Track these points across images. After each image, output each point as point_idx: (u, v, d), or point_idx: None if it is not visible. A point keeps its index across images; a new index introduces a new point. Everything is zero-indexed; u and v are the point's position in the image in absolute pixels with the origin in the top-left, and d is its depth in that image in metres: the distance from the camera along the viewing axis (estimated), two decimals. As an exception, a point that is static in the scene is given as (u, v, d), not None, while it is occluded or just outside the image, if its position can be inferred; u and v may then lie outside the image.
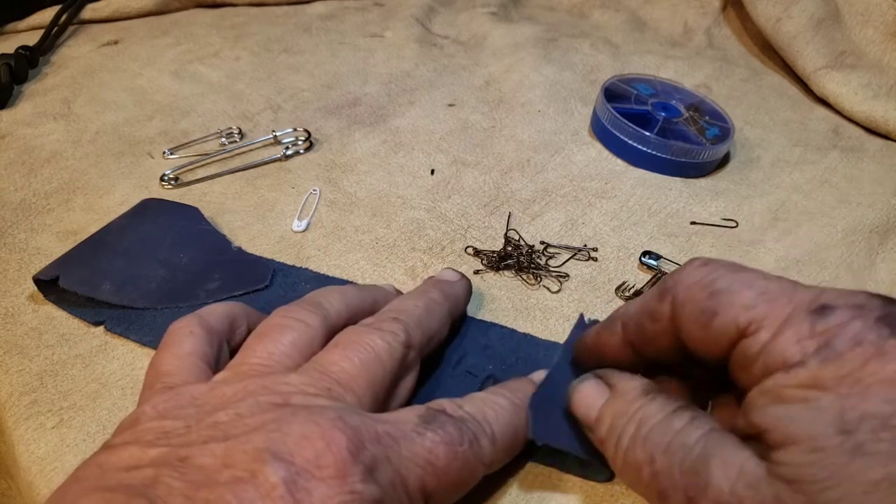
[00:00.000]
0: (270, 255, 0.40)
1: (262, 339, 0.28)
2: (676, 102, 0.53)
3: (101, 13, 0.64)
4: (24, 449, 0.30)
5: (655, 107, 0.52)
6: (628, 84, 0.54)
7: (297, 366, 0.27)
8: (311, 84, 0.57)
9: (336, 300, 0.30)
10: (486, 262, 0.40)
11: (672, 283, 0.24)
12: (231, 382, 0.25)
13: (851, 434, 0.19)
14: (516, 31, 0.65)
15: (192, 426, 0.23)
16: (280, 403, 0.24)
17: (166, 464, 0.21)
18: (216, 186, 0.45)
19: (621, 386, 0.26)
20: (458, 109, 0.54)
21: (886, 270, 0.42)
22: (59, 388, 0.32)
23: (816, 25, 0.60)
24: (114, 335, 0.35)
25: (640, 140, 0.48)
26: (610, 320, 0.28)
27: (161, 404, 0.24)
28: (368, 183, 0.46)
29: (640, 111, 0.51)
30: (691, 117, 0.51)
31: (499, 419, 0.26)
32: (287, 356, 0.27)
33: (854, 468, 0.18)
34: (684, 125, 0.50)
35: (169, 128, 0.51)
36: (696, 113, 0.52)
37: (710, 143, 0.48)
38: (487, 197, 0.46)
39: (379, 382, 0.26)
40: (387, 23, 0.67)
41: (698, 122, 0.51)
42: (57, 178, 0.45)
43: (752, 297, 0.22)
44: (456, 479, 0.24)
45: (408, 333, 0.28)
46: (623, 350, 0.27)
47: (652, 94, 0.53)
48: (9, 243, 0.40)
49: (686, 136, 0.49)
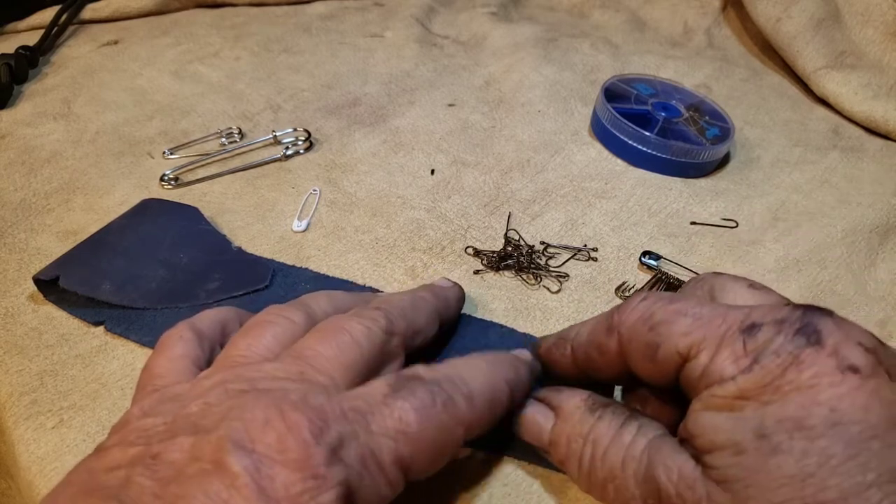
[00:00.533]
0: (270, 255, 0.40)
1: (245, 334, 0.28)
2: (676, 102, 0.53)
3: (101, 13, 0.64)
4: (24, 449, 0.30)
5: (655, 107, 0.52)
6: (628, 84, 0.54)
7: (277, 357, 0.27)
8: (311, 84, 0.57)
9: (323, 300, 0.30)
10: (486, 262, 0.40)
11: (617, 320, 0.26)
12: (210, 376, 0.25)
13: (769, 437, 0.20)
14: (516, 31, 0.65)
15: (169, 422, 0.23)
16: (246, 390, 0.24)
17: (140, 462, 0.21)
18: (216, 186, 0.45)
19: (566, 406, 0.27)
20: (458, 109, 0.54)
21: (886, 270, 0.42)
22: (59, 388, 0.32)
23: (816, 25, 0.60)
24: (114, 335, 0.35)
25: (640, 140, 0.48)
26: (561, 340, 0.29)
27: (147, 405, 0.24)
28: (368, 183, 0.46)
29: (640, 111, 0.51)
30: (691, 117, 0.51)
31: (476, 378, 0.26)
32: (267, 349, 0.27)
33: (771, 465, 0.20)
34: (684, 125, 0.50)
35: (169, 128, 0.51)
36: (696, 113, 0.52)
37: (710, 143, 0.48)
38: (487, 197, 0.46)
39: (356, 366, 0.26)
40: (387, 23, 0.67)
41: (698, 123, 0.51)
42: (57, 178, 0.45)
43: (688, 324, 0.24)
44: (432, 445, 0.24)
45: (389, 321, 0.28)
46: (572, 369, 0.29)
47: (652, 95, 0.53)
48: (9, 243, 0.40)
49: (686, 136, 0.49)
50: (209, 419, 0.22)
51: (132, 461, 0.21)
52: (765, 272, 0.41)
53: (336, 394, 0.24)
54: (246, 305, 0.37)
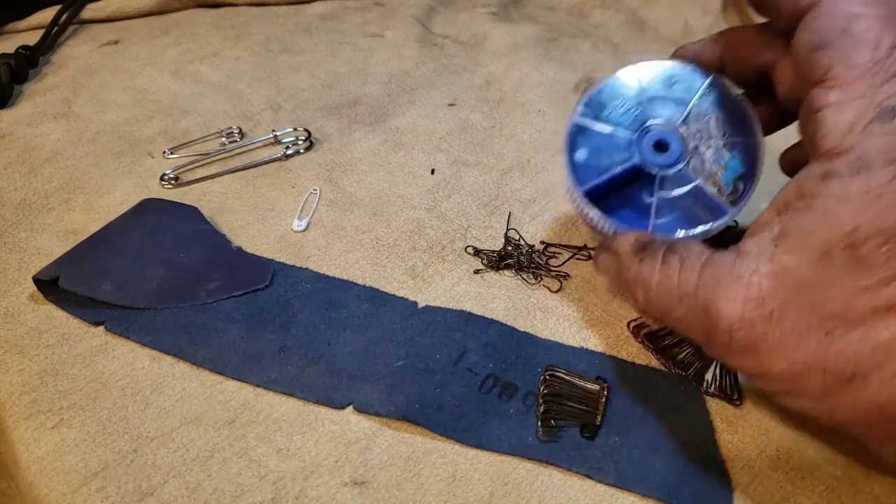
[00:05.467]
0: (270, 255, 0.40)
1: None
2: (674, 123, 0.33)
3: (101, 13, 0.64)
4: (24, 449, 0.30)
5: (644, 147, 0.33)
6: (600, 112, 0.34)
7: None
8: (312, 84, 0.57)
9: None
10: (486, 262, 0.40)
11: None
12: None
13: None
14: (516, 31, 0.65)
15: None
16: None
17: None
18: (216, 186, 0.45)
19: (618, 250, 0.29)
20: (458, 109, 0.54)
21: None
22: (59, 388, 0.32)
23: (817, 25, 0.60)
24: (114, 335, 0.35)
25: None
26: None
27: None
28: (368, 182, 0.46)
29: (623, 172, 0.33)
30: (697, 150, 0.32)
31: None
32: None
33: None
34: (691, 175, 0.32)
35: (169, 127, 0.51)
36: (708, 127, 0.32)
37: (730, 200, 0.31)
38: (487, 197, 0.46)
39: None
40: (387, 22, 0.67)
41: (708, 157, 0.32)
42: (57, 178, 0.45)
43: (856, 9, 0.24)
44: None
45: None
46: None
47: (635, 118, 0.34)
48: (9, 243, 0.40)
49: (694, 198, 0.32)
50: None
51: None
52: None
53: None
54: (246, 305, 0.37)
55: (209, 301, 0.36)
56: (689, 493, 0.29)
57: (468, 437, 0.31)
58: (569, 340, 0.36)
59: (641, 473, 0.30)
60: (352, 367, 0.34)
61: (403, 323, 0.36)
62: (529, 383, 0.33)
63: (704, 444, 0.31)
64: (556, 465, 0.30)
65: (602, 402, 0.33)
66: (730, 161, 0.32)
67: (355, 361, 0.34)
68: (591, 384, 0.33)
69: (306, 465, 0.30)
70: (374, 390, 0.33)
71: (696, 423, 0.32)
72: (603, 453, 0.31)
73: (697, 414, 0.32)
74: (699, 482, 0.30)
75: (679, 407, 0.33)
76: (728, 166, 0.32)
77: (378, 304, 0.37)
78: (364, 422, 0.32)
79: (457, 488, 0.29)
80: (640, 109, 0.34)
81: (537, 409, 0.32)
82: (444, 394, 0.33)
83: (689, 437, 0.31)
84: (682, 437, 0.31)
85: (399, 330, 0.36)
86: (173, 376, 0.33)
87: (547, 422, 0.32)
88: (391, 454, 0.31)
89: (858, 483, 0.30)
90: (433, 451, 0.31)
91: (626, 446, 0.31)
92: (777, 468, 0.30)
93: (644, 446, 0.31)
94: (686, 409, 0.33)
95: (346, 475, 0.30)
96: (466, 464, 0.30)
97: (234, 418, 0.32)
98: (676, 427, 0.32)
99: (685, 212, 0.32)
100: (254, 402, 0.33)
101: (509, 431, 0.31)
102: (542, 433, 0.31)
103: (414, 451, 0.31)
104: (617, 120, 0.34)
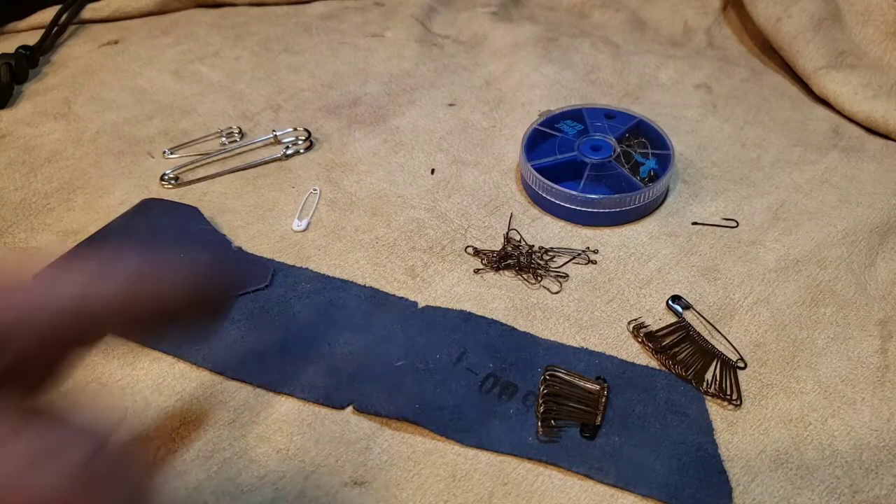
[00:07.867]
0: (270, 255, 0.40)
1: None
2: (606, 137, 0.47)
3: (101, 13, 0.64)
4: (24, 448, 0.30)
5: (583, 148, 0.46)
6: (552, 126, 0.49)
7: None
8: (312, 84, 0.57)
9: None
10: (487, 262, 0.40)
11: None
12: None
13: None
14: (516, 31, 0.65)
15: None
16: None
17: None
18: (216, 186, 0.45)
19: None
20: (458, 109, 0.54)
21: (886, 270, 0.42)
22: (59, 388, 0.32)
23: (817, 25, 0.60)
24: (114, 335, 0.34)
25: (567, 198, 0.43)
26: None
27: None
28: (368, 182, 0.46)
29: (567, 160, 0.45)
30: (624, 152, 0.46)
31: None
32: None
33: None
34: (617, 165, 0.45)
35: (169, 127, 0.51)
36: (632, 142, 0.47)
37: (646, 183, 0.44)
38: (487, 196, 0.46)
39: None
40: (387, 22, 0.67)
41: (631, 158, 0.46)
42: (57, 178, 0.45)
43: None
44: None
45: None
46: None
47: (580, 133, 0.48)
48: (9, 243, 0.40)
49: (619, 179, 0.44)
50: None
51: None
52: (765, 272, 0.41)
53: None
54: (246, 305, 0.37)
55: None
56: (689, 493, 0.29)
57: (468, 437, 0.31)
58: (569, 340, 0.36)
59: (641, 473, 0.30)
60: (352, 367, 0.34)
61: (403, 323, 0.36)
62: (529, 383, 0.33)
63: (704, 444, 0.31)
64: (556, 465, 0.30)
65: (602, 402, 0.33)
66: (647, 161, 0.46)
67: (355, 361, 0.34)
68: (591, 384, 0.33)
69: (306, 465, 0.30)
70: (374, 390, 0.33)
71: (696, 423, 0.32)
72: (603, 453, 0.31)
73: (697, 414, 0.32)
74: (699, 482, 0.30)
75: (679, 407, 0.33)
76: (646, 164, 0.46)
77: (378, 304, 0.37)
78: (364, 422, 0.32)
79: (457, 488, 0.29)
80: (584, 127, 0.49)
81: (537, 409, 0.32)
82: (444, 394, 0.33)
83: (689, 437, 0.31)
84: (682, 437, 0.31)
85: (399, 330, 0.36)
86: (173, 376, 0.33)
87: (547, 422, 0.32)
88: (391, 454, 0.31)
89: (858, 483, 0.30)
90: (433, 451, 0.31)
91: (626, 446, 0.31)
92: (777, 468, 0.30)
93: (644, 446, 0.31)
94: (686, 409, 0.33)
95: (346, 475, 0.30)
96: (466, 464, 0.30)
97: (234, 418, 0.32)
98: (676, 427, 0.32)
99: (610, 187, 0.45)
100: (254, 402, 0.33)
101: (509, 431, 0.31)
102: (542, 433, 0.31)
103: (414, 451, 0.31)
104: (567, 131, 0.49)
